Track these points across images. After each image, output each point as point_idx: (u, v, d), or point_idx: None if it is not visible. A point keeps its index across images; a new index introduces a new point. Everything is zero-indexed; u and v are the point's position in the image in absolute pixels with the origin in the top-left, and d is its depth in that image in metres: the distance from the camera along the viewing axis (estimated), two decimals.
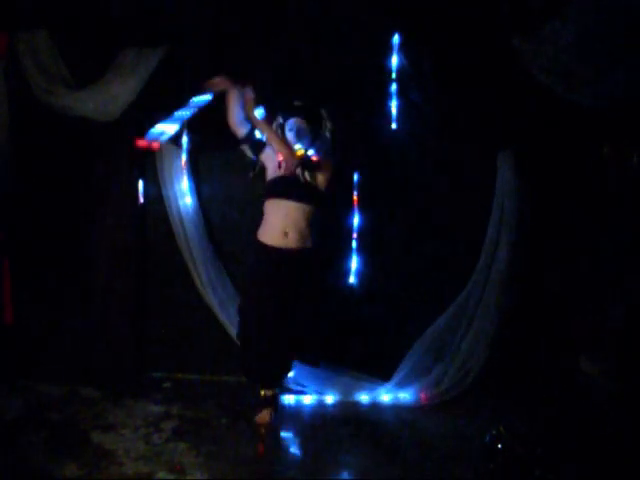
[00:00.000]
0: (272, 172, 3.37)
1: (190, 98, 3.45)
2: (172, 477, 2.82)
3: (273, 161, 3.36)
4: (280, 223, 3.24)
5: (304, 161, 3.28)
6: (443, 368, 3.71)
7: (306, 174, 3.30)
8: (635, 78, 3.24)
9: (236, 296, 3.84)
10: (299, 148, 3.29)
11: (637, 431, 3.04)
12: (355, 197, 3.77)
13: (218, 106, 3.69)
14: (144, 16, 3.67)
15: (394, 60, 3.62)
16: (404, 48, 3.60)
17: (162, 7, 3.66)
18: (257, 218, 3.88)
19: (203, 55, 3.70)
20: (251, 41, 3.67)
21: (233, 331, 3.82)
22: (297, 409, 3.66)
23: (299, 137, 3.31)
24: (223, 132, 3.69)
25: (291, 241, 3.24)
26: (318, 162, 3.30)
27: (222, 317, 3.85)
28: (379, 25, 3.60)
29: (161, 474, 2.84)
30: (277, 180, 3.31)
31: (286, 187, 3.27)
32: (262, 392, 3.41)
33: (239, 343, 3.50)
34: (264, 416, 3.38)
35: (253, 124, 3.37)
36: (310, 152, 3.32)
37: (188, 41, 3.68)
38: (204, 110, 3.70)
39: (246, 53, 3.70)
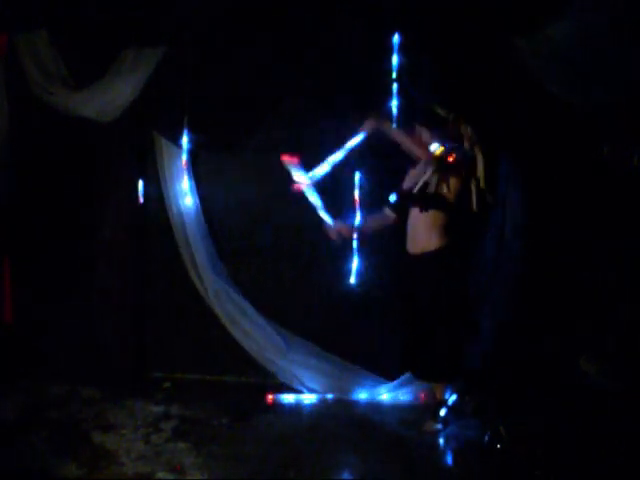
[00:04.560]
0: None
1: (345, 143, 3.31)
2: (172, 477, 2.82)
3: None
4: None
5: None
6: None
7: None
8: (635, 77, 3.23)
9: (236, 296, 3.85)
10: (437, 146, 3.11)
11: (637, 431, 3.04)
12: (356, 197, 3.76)
13: (218, 105, 3.71)
14: (144, 16, 3.68)
15: (394, 60, 3.62)
16: (404, 48, 3.60)
17: (162, 7, 3.66)
18: (257, 218, 3.91)
19: (203, 55, 3.71)
20: (251, 40, 3.68)
21: (234, 330, 3.83)
22: (297, 408, 3.66)
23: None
24: (223, 132, 3.71)
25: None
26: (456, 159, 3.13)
27: (223, 317, 3.85)
28: (379, 25, 3.60)
29: (161, 474, 2.84)
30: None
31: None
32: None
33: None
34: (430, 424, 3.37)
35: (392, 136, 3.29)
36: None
37: (188, 41, 3.68)
38: (204, 110, 3.72)
39: (246, 53, 3.70)
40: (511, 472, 2.86)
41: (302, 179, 3.17)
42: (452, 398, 3.51)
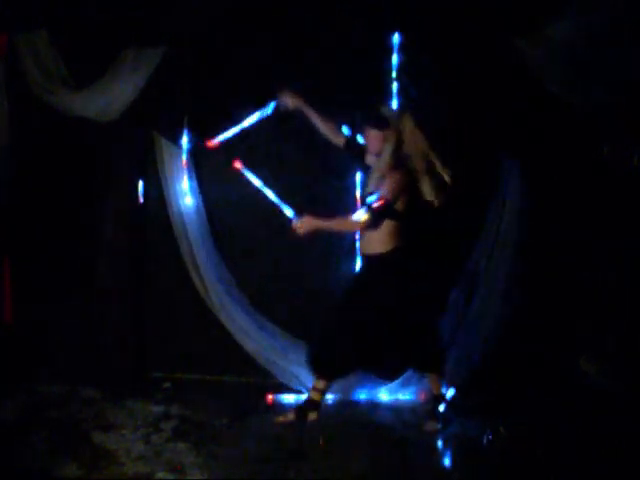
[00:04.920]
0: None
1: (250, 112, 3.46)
2: (172, 477, 2.82)
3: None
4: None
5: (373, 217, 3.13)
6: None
7: None
8: (635, 77, 3.24)
9: (236, 296, 3.85)
10: (362, 213, 3.12)
11: (637, 431, 3.04)
12: (358, 197, 3.77)
13: (218, 105, 3.71)
14: (144, 16, 3.68)
15: (394, 60, 3.62)
16: (404, 48, 3.61)
17: (162, 7, 3.66)
18: (258, 217, 3.91)
19: (203, 55, 3.71)
20: (251, 40, 3.68)
21: (234, 330, 3.83)
22: None
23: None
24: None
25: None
26: (385, 204, 3.12)
27: (222, 317, 3.85)
28: (379, 25, 3.60)
29: (161, 474, 2.84)
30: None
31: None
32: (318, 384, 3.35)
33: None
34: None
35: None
36: (371, 199, 3.13)
37: (188, 41, 3.68)
38: (204, 110, 3.72)
39: (246, 53, 3.71)
40: (511, 472, 2.86)
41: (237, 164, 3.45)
42: (450, 393, 3.51)
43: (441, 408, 3.39)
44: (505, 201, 3.66)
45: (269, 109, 3.45)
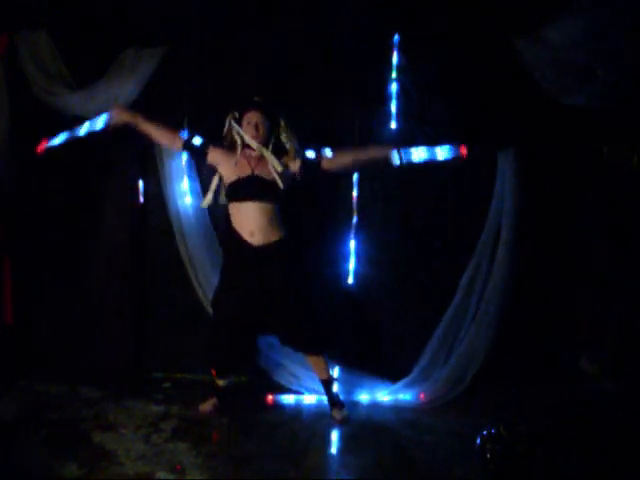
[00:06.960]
0: (230, 175, 3.36)
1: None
2: (172, 477, 2.82)
3: (227, 162, 3.36)
4: (247, 224, 3.29)
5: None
6: (442, 367, 3.71)
7: (272, 167, 3.32)
8: (635, 77, 3.24)
9: None
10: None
11: (637, 431, 3.04)
12: (354, 196, 3.77)
13: (218, 104, 3.71)
14: (144, 16, 3.68)
15: (394, 60, 3.62)
16: (404, 48, 3.61)
17: (162, 7, 3.67)
18: None
19: (203, 55, 3.72)
20: (250, 40, 3.68)
21: None
22: (297, 409, 3.65)
23: (257, 131, 3.33)
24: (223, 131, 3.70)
25: (257, 239, 3.30)
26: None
27: None
28: (379, 25, 3.60)
29: (161, 474, 2.84)
30: (238, 182, 3.32)
31: (248, 188, 3.30)
32: (219, 382, 3.54)
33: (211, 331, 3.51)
34: (208, 405, 3.52)
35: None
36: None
37: (188, 41, 3.69)
38: (204, 110, 3.72)
39: (245, 52, 3.71)
40: (511, 472, 2.86)
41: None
42: (336, 373, 3.62)
43: (335, 389, 3.49)
44: (504, 201, 3.66)
45: (100, 123, 3.43)
